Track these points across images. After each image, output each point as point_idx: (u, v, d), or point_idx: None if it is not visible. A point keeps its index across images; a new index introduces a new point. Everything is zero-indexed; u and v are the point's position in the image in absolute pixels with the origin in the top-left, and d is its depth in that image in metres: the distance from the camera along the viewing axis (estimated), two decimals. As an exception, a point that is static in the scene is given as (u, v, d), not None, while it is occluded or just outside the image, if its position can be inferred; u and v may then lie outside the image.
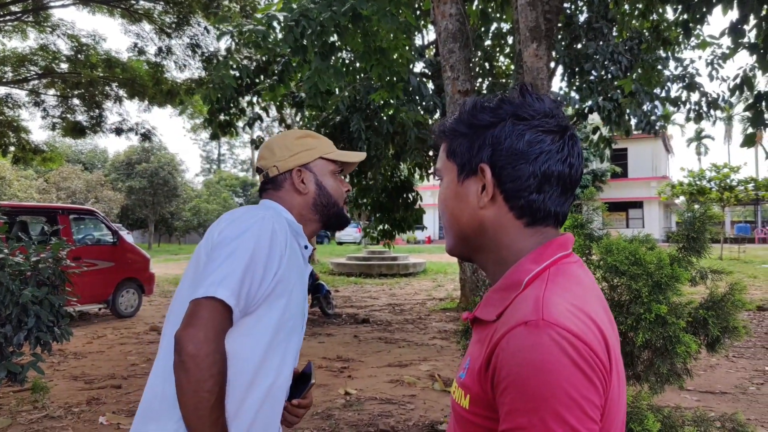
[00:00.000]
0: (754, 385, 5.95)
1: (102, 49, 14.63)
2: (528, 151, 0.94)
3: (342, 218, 1.70)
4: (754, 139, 6.45)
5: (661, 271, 2.39)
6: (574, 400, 0.78)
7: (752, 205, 39.99)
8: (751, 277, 16.58)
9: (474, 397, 0.89)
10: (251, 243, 1.38)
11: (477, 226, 0.99)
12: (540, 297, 0.86)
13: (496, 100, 0.99)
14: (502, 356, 0.83)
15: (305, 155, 1.64)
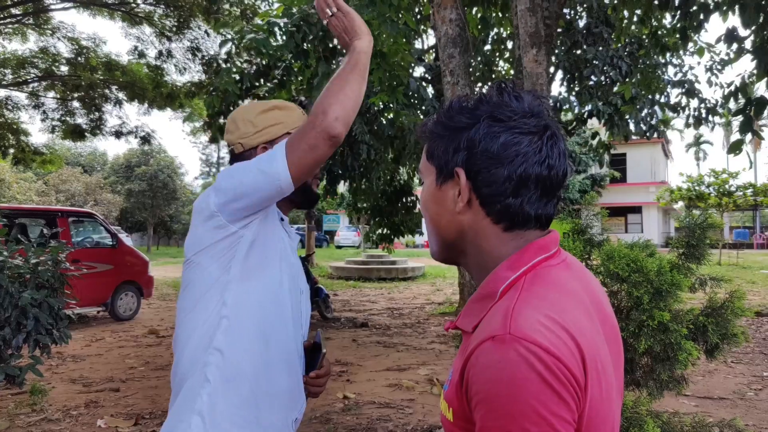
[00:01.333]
0: (753, 390, 5.95)
1: (102, 52, 14.68)
2: (503, 153, 0.89)
3: (310, 195, 1.64)
4: (741, 145, 6.45)
5: (661, 278, 2.40)
6: (543, 417, 0.76)
7: (751, 210, 40.04)
8: (749, 282, 16.59)
9: (456, 412, 0.87)
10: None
11: (456, 230, 0.96)
12: (510, 309, 0.83)
13: (474, 100, 0.95)
14: (473, 372, 0.81)
15: (270, 131, 1.58)
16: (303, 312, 1.60)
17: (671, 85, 11.53)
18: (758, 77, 6.01)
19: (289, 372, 1.49)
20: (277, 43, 6.34)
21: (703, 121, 11.33)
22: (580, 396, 0.80)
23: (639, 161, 40.08)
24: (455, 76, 5.78)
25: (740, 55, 6.30)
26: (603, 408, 0.84)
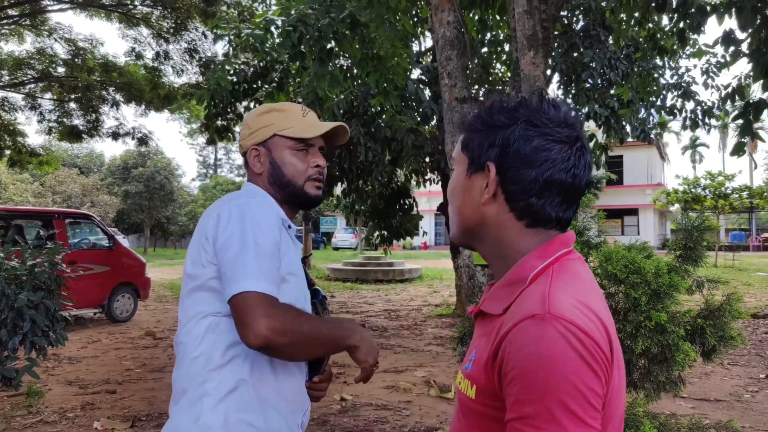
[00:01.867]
0: (749, 392, 5.97)
1: (99, 54, 14.67)
2: (533, 156, 0.96)
3: (302, 197, 1.58)
4: (743, 147, 6.48)
5: (659, 279, 2.41)
6: (579, 390, 0.81)
7: (747, 212, 40.13)
8: (745, 284, 16.63)
9: (480, 388, 0.93)
10: (255, 228, 1.39)
11: (479, 219, 1.02)
12: (546, 292, 0.90)
13: (514, 103, 1.02)
14: (510, 349, 0.86)
15: (261, 133, 1.57)
16: None
17: (667, 87, 11.56)
18: (755, 79, 6.04)
19: (294, 377, 1.50)
20: (273, 41, 6.34)
21: (699, 124, 11.36)
22: (609, 373, 0.87)
23: (635, 163, 40.16)
24: (453, 79, 5.79)
25: (737, 58, 6.32)
26: (620, 394, 0.92)
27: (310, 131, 1.56)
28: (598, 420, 0.83)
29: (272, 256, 1.38)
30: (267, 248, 1.37)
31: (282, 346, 1.32)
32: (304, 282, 1.54)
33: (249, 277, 1.33)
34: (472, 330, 2.97)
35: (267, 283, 1.33)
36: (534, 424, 0.82)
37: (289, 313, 1.34)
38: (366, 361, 1.47)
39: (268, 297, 1.32)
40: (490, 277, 6.19)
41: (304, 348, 1.38)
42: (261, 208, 1.44)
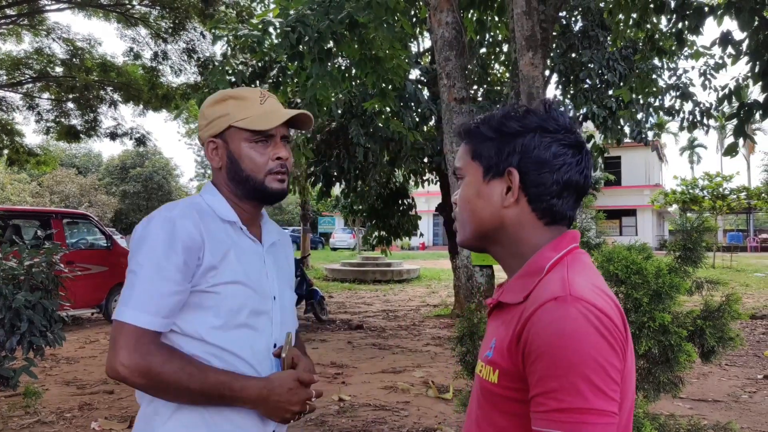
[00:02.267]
0: (747, 393, 5.97)
1: (97, 53, 14.65)
2: (552, 161, 1.06)
3: (264, 193, 1.46)
4: (736, 148, 6.49)
5: (659, 280, 2.40)
6: (600, 365, 0.88)
7: (744, 213, 40.20)
8: (743, 285, 16.66)
9: (503, 372, 0.99)
10: (148, 253, 1.33)
11: (498, 222, 1.09)
12: (565, 277, 0.98)
13: (522, 111, 1.09)
14: (534, 329, 0.93)
15: (217, 124, 1.45)
16: (275, 319, 1.48)
17: (666, 88, 11.57)
18: (754, 80, 6.05)
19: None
20: (271, 42, 6.33)
21: (697, 125, 11.38)
22: (625, 350, 0.95)
23: (633, 164, 40.21)
24: (452, 79, 5.79)
25: (737, 59, 6.33)
26: (632, 371, 1.00)
27: (268, 122, 1.44)
28: (617, 392, 0.90)
29: (167, 281, 1.30)
30: (163, 273, 1.30)
31: (140, 386, 1.29)
32: (254, 291, 1.42)
33: (128, 305, 1.30)
34: (471, 330, 2.98)
35: (146, 315, 1.28)
36: (558, 397, 0.88)
37: (158, 356, 1.27)
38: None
39: (139, 331, 1.28)
40: (489, 277, 6.20)
41: (170, 396, 1.31)
42: (166, 226, 1.33)
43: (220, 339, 1.36)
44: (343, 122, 10.58)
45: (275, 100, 1.50)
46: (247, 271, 1.42)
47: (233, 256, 1.40)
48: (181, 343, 1.36)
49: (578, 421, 0.87)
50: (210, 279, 1.35)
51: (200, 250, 1.35)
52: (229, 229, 1.44)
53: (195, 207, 1.42)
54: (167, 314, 1.32)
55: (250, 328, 1.41)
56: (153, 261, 1.31)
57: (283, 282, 1.57)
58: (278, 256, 1.59)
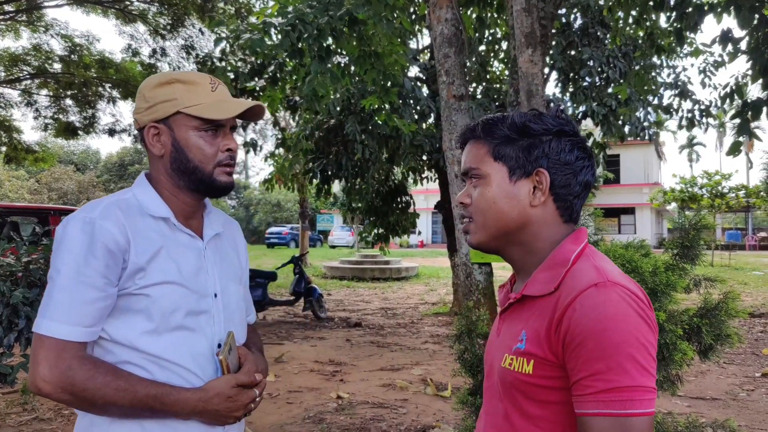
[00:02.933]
0: (745, 391, 5.98)
1: (96, 50, 14.59)
2: (575, 163, 1.14)
3: (211, 185, 1.38)
4: (739, 146, 6.49)
5: (656, 278, 2.40)
6: (642, 344, 0.95)
7: (743, 212, 40.24)
8: (741, 283, 16.68)
9: (539, 361, 1.03)
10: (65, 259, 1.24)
11: (523, 221, 1.14)
12: (597, 265, 1.05)
13: (537, 114, 1.16)
14: (576, 315, 0.98)
15: (162, 108, 1.34)
16: (217, 318, 1.40)
17: (665, 86, 11.57)
18: (753, 78, 6.04)
19: (193, 382, 1.34)
20: (272, 42, 6.32)
21: (696, 123, 11.38)
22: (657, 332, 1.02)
23: (632, 162, 40.21)
24: (451, 76, 5.77)
25: (735, 56, 6.33)
26: None
27: (222, 111, 1.35)
28: (655, 369, 0.96)
29: (88, 287, 1.22)
30: (83, 279, 1.22)
31: (66, 402, 1.22)
32: (190, 290, 1.34)
33: (46, 316, 1.22)
34: (469, 328, 2.97)
35: (66, 326, 1.21)
36: (606, 377, 0.93)
37: (81, 371, 1.20)
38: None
39: (60, 344, 1.21)
40: (487, 275, 6.19)
41: (98, 411, 1.25)
42: (85, 228, 1.25)
43: (154, 345, 1.29)
44: (341, 119, 10.57)
45: (225, 88, 1.41)
46: (182, 270, 1.34)
47: (164, 255, 1.32)
48: (114, 351, 1.29)
49: (626, 398, 0.92)
50: (138, 281, 1.28)
51: (125, 252, 1.27)
52: (162, 225, 1.36)
53: (120, 205, 1.33)
54: (91, 323, 1.24)
55: (187, 329, 1.33)
56: (72, 267, 1.23)
57: (228, 276, 1.47)
58: (223, 248, 1.50)
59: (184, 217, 1.41)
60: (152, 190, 1.39)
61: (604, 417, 0.93)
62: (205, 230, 1.45)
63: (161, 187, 1.39)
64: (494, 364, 1.17)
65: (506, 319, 1.19)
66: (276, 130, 17.65)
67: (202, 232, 1.44)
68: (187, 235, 1.39)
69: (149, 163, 1.43)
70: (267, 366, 1.54)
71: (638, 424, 0.92)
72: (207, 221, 1.47)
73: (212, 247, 1.45)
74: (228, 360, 1.35)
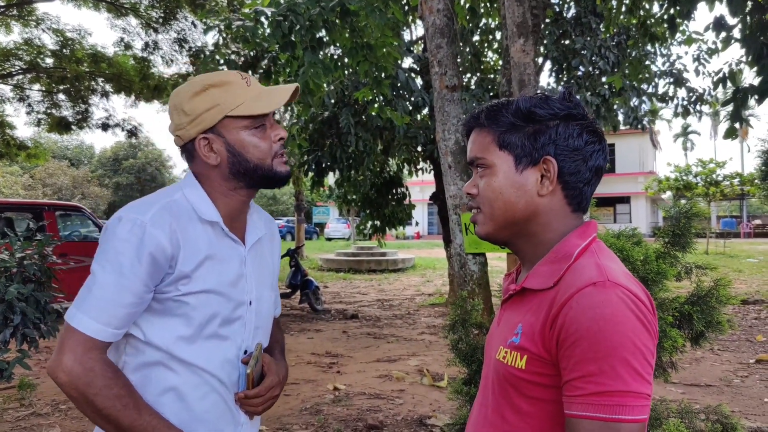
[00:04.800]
0: (739, 377, 6.02)
1: (87, 44, 14.51)
2: (585, 149, 1.09)
3: (273, 178, 1.38)
4: (735, 131, 6.50)
5: (647, 266, 2.41)
6: (638, 348, 0.91)
7: (738, 200, 40.38)
8: (736, 271, 16.75)
9: (532, 357, 1.00)
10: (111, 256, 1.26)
11: (531, 211, 1.09)
12: (600, 263, 1.01)
13: (543, 98, 1.11)
14: (572, 313, 0.94)
15: (207, 117, 1.31)
16: (248, 325, 1.41)
17: (659, 75, 11.57)
18: (750, 65, 6.04)
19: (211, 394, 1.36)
20: (263, 32, 6.29)
21: (691, 111, 11.39)
22: (656, 335, 0.98)
23: (627, 151, 40.26)
24: (443, 67, 5.77)
25: (729, 44, 6.33)
26: None
27: (267, 104, 1.33)
28: (651, 375, 0.92)
29: (126, 291, 1.24)
30: (123, 282, 1.24)
31: (72, 398, 1.24)
32: (227, 299, 1.35)
33: (81, 308, 1.24)
34: (463, 318, 2.98)
35: (96, 324, 1.23)
36: (597, 380, 0.90)
37: (101, 377, 1.22)
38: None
39: (89, 341, 1.23)
40: (482, 265, 6.20)
41: (94, 416, 1.25)
42: (136, 231, 1.26)
43: (187, 351, 1.30)
44: (335, 111, 10.55)
45: (255, 79, 1.40)
46: (222, 278, 1.35)
47: (209, 264, 1.33)
48: (146, 351, 1.31)
49: (617, 403, 0.89)
50: (181, 287, 1.29)
51: (171, 259, 1.28)
52: (209, 230, 1.35)
53: (171, 208, 1.32)
54: (120, 325, 1.26)
55: (220, 338, 1.34)
56: (116, 267, 1.24)
57: (264, 284, 1.49)
58: (262, 253, 1.51)
59: (230, 219, 1.40)
60: (203, 191, 1.37)
61: (593, 420, 0.90)
62: (248, 235, 1.45)
63: (211, 189, 1.38)
64: (491, 355, 1.15)
65: (506, 310, 1.17)
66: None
67: (244, 235, 1.44)
68: (232, 241, 1.39)
69: (200, 172, 1.39)
70: (287, 370, 1.55)
71: (626, 431, 0.88)
72: (250, 223, 1.47)
73: (253, 253, 1.45)
74: (254, 372, 1.38)
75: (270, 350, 1.56)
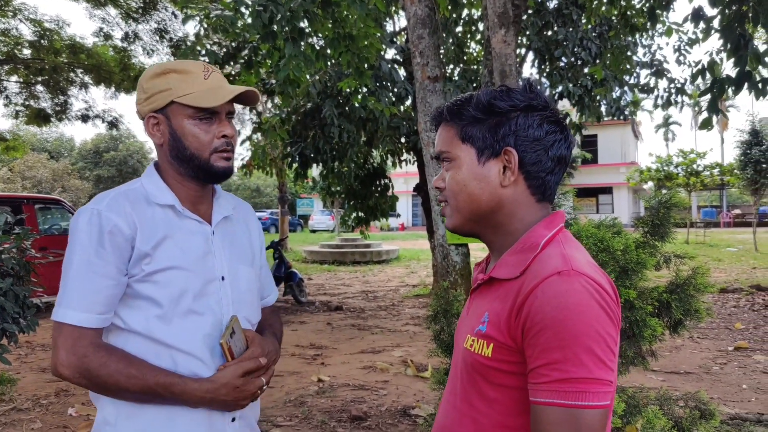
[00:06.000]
0: (717, 365, 6.11)
1: (66, 35, 14.27)
2: (545, 138, 1.10)
3: (209, 172, 1.40)
4: (710, 122, 6.55)
5: (627, 256, 2.43)
6: (601, 336, 0.93)
7: (718, 189, 40.84)
8: (715, 260, 16.98)
9: (498, 345, 1.02)
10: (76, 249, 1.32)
11: (496, 202, 1.11)
12: (565, 253, 1.03)
13: (504, 91, 1.12)
14: (537, 302, 0.96)
15: (158, 98, 1.38)
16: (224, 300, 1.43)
17: (640, 65, 11.64)
18: (728, 55, 6.08)
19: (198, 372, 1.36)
20: (244, 22, 6.23)
21: (672, 101, 11.47)
22: (619, 323, 1.00)
23: (609, 142, 40.55)
24: (425, 57, 5.75)
25: (708, 35, 6.37)
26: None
27: (213, 99, 1.36)
28: (615, 362, 0.95)
29: (99, 276, 1.30)
30: (94, 268, 1.30)
31: (83, 385, 1.30)
32: (195, 274, 1.38)
33: (62, 304, 1.30)
34: (445, 308, 2.99)
35: (80, 313, 1.29)
36: (561, 368, 0.91)
37: (95, 358, 1.27)
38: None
39: (77, 331, 1.28)
40: (464, 255, 6.23)
41: (112, 395, 1.31)
42: (93, 219, 1.32)
43: (166, 332, 1.33)
44: (318, 103, 10.50)
45: (220, 74, 1.44)
46: (187, 254, 1.38)
47: (170, 242, 1.37)
48: (129, 340, 1.34)
49: (580, 390, 0.90)
50: (145, 267, 1.33)
51: (132, 240, 1.33)
52: (169, 213, 1.40)
53: (128, 195, 1.38)
54: (103, 310, 1.31)
55: (196, 313, 1.37)
56: (83, 257, 1.31)
57: (239, 259, 1.50)
58: (233, 231, 1.53)
59: (191, 203, 1.45)
60: (159, 178, 1.43)
61: (556, 407, 0.91)
62: (214, 215, 1.48)
63: (167, 175, 1.44)
64: (460, 343, 1.16)
65: (475, 298, 1.18)
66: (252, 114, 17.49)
67: (211, 217, 1.48)
68: (195, 221, 1.43)
69: (156, 163, 1.48)
70: (278, 348, 1.56)
71: (590, 417, 0.90)
72: (216, 205, 1.50)
73: (221, 231, 1.48)
74: (230, 343, 1.36)
75: (260, 331, 1.58)
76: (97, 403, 1.39)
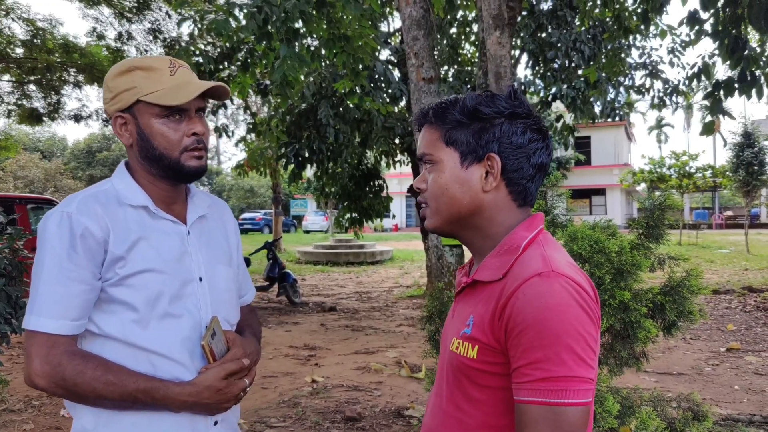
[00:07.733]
0: (710, 366, 6.14)
1: (59, 34, 14.20)
2: (527, 146, 1.11)
3: (179, 171, 1.35)
4: (712, 127, 6.59)
5: (621, 257, 2.44)
6: (582, 335, 0.95)
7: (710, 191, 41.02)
8: (708, 261, 17.05)
9: (483, 347, 1.04)
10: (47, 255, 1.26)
11: (476, 206, 1.12)
12: (545, 254, 1.04)
13: (489, 96, 1.13)
14: (519, 304, 0.98)
15: (124, 98, 1.32)
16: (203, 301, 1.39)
17: (635, 67, 11.69)
18: (723, 59, 6.11)
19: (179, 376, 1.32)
20: (238, 24, 6.22)
21: (667, 102, 11.52)
22: (599, 325, 1.03)
23: (603, 144, 40.69)
24: (420, 59, 5.76)
25: (700, 37, 6.40)
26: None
27: (179, 96, 1.31)
28: (595, 361, 0.97)
29: (71, 281, 1.24)
30: (66, 273, 1.24)
31: (60, 395, 1.25)
32: (171, 276, 1.33)
33: (34, 312, 1.24)
34: (439, 309, 2.99)
35: (53, 320, 1.23)
36: (543, 367, 0.94)
37: (71, 366, 1.22)
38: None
39: (51, 339, 1.23)
40: (458, 256, 6.24)
41: (91, 404, 1.26)
42: (63, 223, 1.26)
43: (143, 337, 1.29)
44: (313, 103, 10.49)
45: (187, 69, 1.38)
46: (162, 256, 1.34)
47: (144, 244, 1.32)
48: (105, 345, 1.30)
49: (561, 388, 0.93)
50: (119, 270, 1.28)
51: (104, 243, 1.28)
52: (142, 213, 1.35)
53: (99, 196, 1.33)
54: (77, 316, 1.26)
55: (173, 317, 1.32)
56: (54, 262, 1.25)
57: (216, 259, 1.46)
58: (209, 230, 1.49)
59: (165, 204, 1.40)
60: (131, 179, 1.38)
61: (539, 405, 0.94)
62: (189, 214, 1.44)
63: (138, 176, 1.39)
64: (446, 346, 1.17)
65: (459, 301, 1.20)
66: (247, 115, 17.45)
67: (185, 217, 1.43)
68: (169, 222, 1.38)
69: (127, 163, 1.43)
70: (258, 349, 1.53)
71: (571, 414, 0.93)
72: (191, 204, 1.46)
73: (197, 230, 1.44)
74: (212, 345, 1.33)
75: (239, 331, 1.54)
76: (73, 411, 1.33)
